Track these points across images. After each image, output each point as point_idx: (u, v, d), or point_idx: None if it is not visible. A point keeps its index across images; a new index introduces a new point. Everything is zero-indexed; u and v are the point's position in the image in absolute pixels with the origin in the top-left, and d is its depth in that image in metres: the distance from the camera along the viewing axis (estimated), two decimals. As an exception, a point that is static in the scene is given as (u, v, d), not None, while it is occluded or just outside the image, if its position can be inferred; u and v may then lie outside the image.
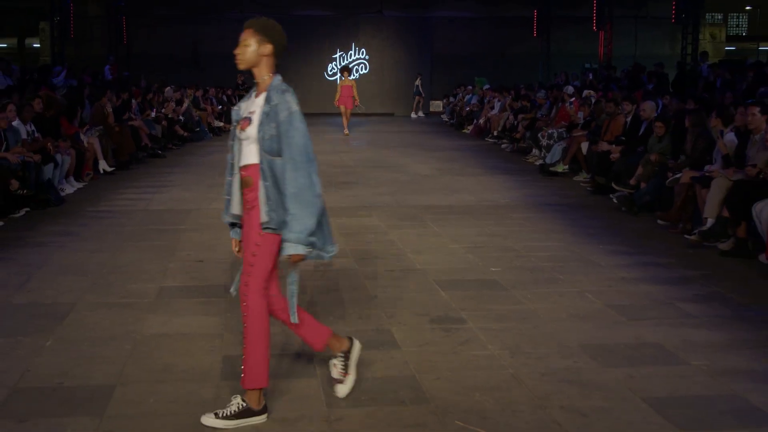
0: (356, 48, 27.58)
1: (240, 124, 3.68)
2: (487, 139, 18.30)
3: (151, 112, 16.28)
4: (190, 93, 19.64)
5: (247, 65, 3.66)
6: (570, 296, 5.71)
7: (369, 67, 27.63)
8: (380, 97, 27.19)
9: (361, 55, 27.63)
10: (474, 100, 22.43)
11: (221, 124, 20.08)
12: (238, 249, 3.87)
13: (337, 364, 3.98)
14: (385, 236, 7.77)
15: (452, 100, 25.05)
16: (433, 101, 27.40)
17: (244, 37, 3.65)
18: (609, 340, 4.78)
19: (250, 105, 3.69)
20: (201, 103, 20.13)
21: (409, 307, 5.42)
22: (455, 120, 23.05)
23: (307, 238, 3.57)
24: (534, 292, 5.79)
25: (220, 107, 21.21)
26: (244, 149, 3.67)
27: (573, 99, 14.86)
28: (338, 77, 23.55)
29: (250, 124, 3.62)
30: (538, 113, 15.81)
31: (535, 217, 8.81)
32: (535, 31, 27.13)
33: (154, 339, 4.80)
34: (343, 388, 3.97)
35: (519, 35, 27.21)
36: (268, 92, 3.63)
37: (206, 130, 18.70)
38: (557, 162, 12.39)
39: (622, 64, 21.60)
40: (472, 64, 26.67)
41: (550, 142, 13.27)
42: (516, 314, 5.28)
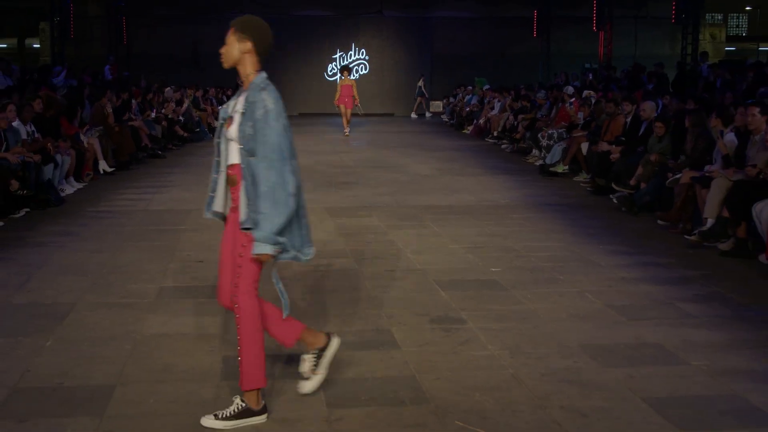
0: (356, 48, 27.59)
1: (226, 122, 3.67)
2: (487, 140, 18.29)
3: (151, 113, 16.27)
4: (190, 93, 19.65)
5: (231, 63, 3.65)
6: (570, 296, 5.71)
7: (369, 68, 27.64)
8: (380, 98, 27.21)
9: (361, 55, 27.64)
10: (474, 101, 22.44)
11: (221, 125, 20.06)
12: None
13: (308, 360, 3.90)
14: (385, 236, 7.77)
15: (452, 101, 25.05)
16: (433, 101, 27.39)
17: (228, 36, 3.65)
18: (609, 340, 4.78)
19: (237, 104, 3.67)
20: (201, 103, 20.13)
21: (409, 307, 5.42)
22: (455, 120, 23.06)
23: (274, 237, 3.48)
24: (534, 292, 5.79)
25: (220, 108, 21.17)
26: (230, 148, 3.65)
27: (573, 99, 14.85)
28: (338, 77, 23.54)
29: (233, 123, 3.61)
30: (538, 113, 15.81)
31: (535, 218, 8.81)
32: (535, 32, 27.12)
33: (154, 339, 4.79)
34: (307, 385, 3.89)
35: (519, 35, 27.20)
36: (248, 90, 3.61)
37: (206, 131, 18.67)
38: (557, 162, 12.38)
39: (622, 65, 21.60)
40: (472, 65, 26.66)
41: (550, 142, 13.26)
42: (516, 314, 5.28)
